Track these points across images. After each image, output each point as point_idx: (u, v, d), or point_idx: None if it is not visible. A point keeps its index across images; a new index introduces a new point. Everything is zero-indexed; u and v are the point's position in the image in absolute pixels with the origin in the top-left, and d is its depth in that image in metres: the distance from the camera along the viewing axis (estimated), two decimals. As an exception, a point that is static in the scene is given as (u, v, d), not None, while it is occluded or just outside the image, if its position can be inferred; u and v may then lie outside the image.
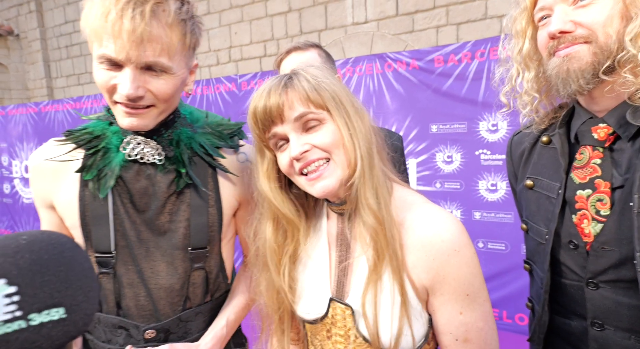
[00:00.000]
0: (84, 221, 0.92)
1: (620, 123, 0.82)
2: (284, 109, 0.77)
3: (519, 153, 1.05)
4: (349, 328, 0.81)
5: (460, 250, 0.74)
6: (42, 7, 8.20)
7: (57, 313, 0.35)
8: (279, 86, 0.78)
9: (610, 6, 0.78)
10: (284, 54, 1.48)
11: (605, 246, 0.81)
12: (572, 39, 0.80)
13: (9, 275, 0.34)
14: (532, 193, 0.97)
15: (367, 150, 0.79)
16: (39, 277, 0.35)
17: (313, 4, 4.98)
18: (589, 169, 0.85)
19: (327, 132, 0.78)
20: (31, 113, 6.01)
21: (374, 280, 0.77)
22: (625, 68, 0.78)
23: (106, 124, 0.97)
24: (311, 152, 0.78)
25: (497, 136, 3.03)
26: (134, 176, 0.93)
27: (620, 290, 0.80)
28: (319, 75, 0.81)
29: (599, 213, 0.83)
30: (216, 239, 1.00)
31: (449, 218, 0.77)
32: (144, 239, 0.94)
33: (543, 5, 0.86)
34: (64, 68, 8.12)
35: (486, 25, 4.03)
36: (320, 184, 0.78)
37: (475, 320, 0.77)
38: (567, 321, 0.91)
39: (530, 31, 0.92)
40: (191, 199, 0.96)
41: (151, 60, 0.79)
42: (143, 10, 0.75)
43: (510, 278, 3.00)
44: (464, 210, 3.21)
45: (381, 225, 0.76)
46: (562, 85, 0.83)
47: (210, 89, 4.38)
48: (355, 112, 0.80)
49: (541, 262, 0.93)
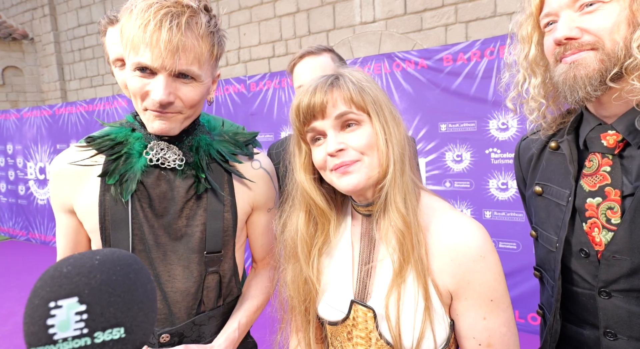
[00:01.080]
0: (103, 225, 0.94)
1: (630, 130, 0.81)
2: (327, 106, 0.81)
3: (527, 159, 1.04)
4: (370, 331, 0.82)
5: (486, 256, 0.76)
6: (55, 11, 8.33)
7: (118, 333, 0.37)
8: (325, 84, 0.82)
9: (617, 12, 0.77)
10: (297, 59, 1.49)
11: (617, 255, 0.80)
12: (578, 45, 0.80)
13: (81, 294, 0.36)
14: (542, 200, 0.96)
15: (400, 156, 0.82)
16: (106, 297, 0.37)
17: (321, 4, 4.98)
18: (599, 177, 0.84)
19: (364, 133, 0.81)
20: (45, 115, 6.12)
21: (398, 283, 0.79)
22: (632, 76, 0.77)
23: (129, 131, 1.00)
24: (346, 152, 0.81)
25: (508, 134, 3.00)
26: (154, 181, 0.96)
27: (633, 299, 0.79)
28: (363, 79, 0.84)
29: (609, 222, 0.82)
30: (230, 243, 1.03)
31: (474, 224, 0.79)
32: (162, 243, 0.96)
33: (549, 11, 0.85)
34: (77, 71, 8.24)
35: (495, 23, 3.98)
36: (348, 178, 0.81)
37: (499, 326, 0.78)
38: (579, 330, 0.90)
39: (536, 37, 0.91)
40: (208, 204, 0.99)
41: (184, 68, 0.85)
42: (179, 22, 0.82)
43: (523, 277, 2.98)
44: (474, 209, 3.19)
45: (409, 228, 0.78)
46: (570, 92, 0.82)
47: (220, 90, 4.41)
48: (393, 118, 0.84)
49: (552, 270, 0.92)
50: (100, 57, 7.72)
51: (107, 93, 7.68)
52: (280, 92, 4.01)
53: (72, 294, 0.36)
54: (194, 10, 0.85)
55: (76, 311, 0.35)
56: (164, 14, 0.81)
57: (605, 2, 0.77)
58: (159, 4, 0.83)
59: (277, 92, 4.05)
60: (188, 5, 0.85)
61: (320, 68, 1.43)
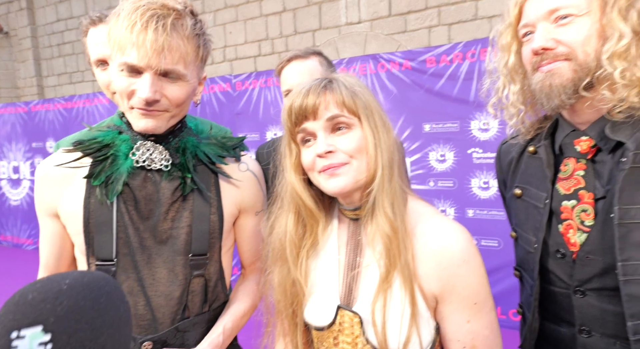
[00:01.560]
0: (87, 228, 0.94)
1: (601, 136, 0.85)
2: (319, 108, 0.82)
3: (507, 162, 1.08)
4: (356, 336, 0.83)
5: (470, 260, 0.78)
6: (33, 5, 8.06)
7: None
8: (318, 87, 0.83)
9: (589, 26, 0.81)
10: (285, 62, 1.48)
11: (590, 255, 0.84)
12: (553, 55, 0.84)
13: (46, 322, 0.33)
14: (521, 202, 1.00)
15: (389, 162, 0.83)
16: (73, 325, 0.34)
17: (307, 4, 4.98)
18: (573, 180, 0.88)
19: (354, 137, 0.83)
20: (21, 112, 5.87)
21: (384, 289, 0.79)
22: (602, 85, 0.81)
23: (116, 133, 1.00)
24: (335, 155, 0.82)
25: (489, 135, 3.08)
26: (140, 183, 0.96)
27: (605, 297, 0.83)
28: (356, 84, 0.86)
29: (583, 223, 0.86)
30: (216, 246, 1.02)
31: (458, 229, 0.81)
32: (147, 246, 0.96)
33: (526, 22, 0.89)
34: (55, 67, 8.00)
35: (477, 26, 4.06)
36: (335, 181, 0.82)
37: (482, 328, 0.80)
38: (557, 328, 0.93)
39: (515, 46, 0.95)
40: (194, 206, 0.99)
41: (169, 67, 0.87)
42: (165, 23, 0.85)
43: (504, 274, 3.05)
44: (458, 208, 3.25)
45: (396, 233, 0.79)
46: (546, 99, 0.86)
47: (205, 89, 4.36)
48: (383, 124, 0.85)
49: (530, 270, 0.95)
50: (80, 53, 7.51)
51: (87, 90, 7.49)
52: (266, 91, 4.00)
53: (36, 322, 0.33)
54: (179, 13, 0.88)
55: (40, 341, 0.33)
56: (150, 15, 0.84)
57: (578, 15, 0.81)
58: (146, 7, 0.84)
59: (263, 91, 4.03)
60: (174, 8, 0.87)
61: (308, 72, 1.43)
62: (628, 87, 0.78)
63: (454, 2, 4.12)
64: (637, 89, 0.78)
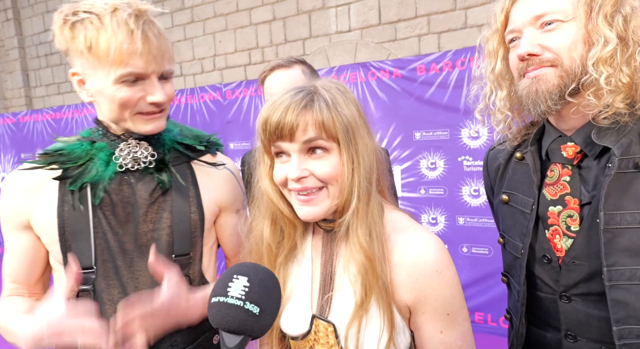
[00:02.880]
0: (63, 237, 0.92)
1: (587, 142, 0.85)
2: (297, 131, 0.76)
3: (494, 168, 1.08)
4: (331, 345, 0.82)
5: (442, 272, 0.77)
6: (20, 15, 8.02)
7: (256, 309, 0.57)
8: (299, 105, 0.76)
9: (574, 32, 0.81)
10: (268, 71, 1.49)
11: (576, 260, 0.84)
12: (539, 61, 0.84)
13: (250, 277, 0.59)
14: (508, 208, 1.00)
15: (366, 188, 0.79)
16: (261, 287, 0.59)
17: (297, 12, 5.01)
18: (560, 186, 0.88)
19: (330, 163, 0.78)
20: (9, 123, 5.84)
21: (359, 315, 0.78)
22: (588, 91, 0.81)
23: (88, 145, 0.98)
24: (308, 179, 0.78)
25: (479, 143, 3.10)
26: (116, 186, 0.95)
27: (591, 302, 0.83)
28: (338, 95, 0.80)
29: (569, 229, 0.86)
30: (198, 245, 1.02)
31: (432, 240, 0.79)
32: (128, 250, 0.95)
33: (513, 27, 0.89)
34: (43, 77, 7.94)
35: (466, 34, 4.11)
36: (307, 209, 0.79)
37: (455, 339, 0.79)
38: (543, 333, 0.93)
39: (502, 52, 0.96)
40: (173, 206, 0.98)
41: (167, 68, 0.92)
42: (157, 29, 0.89)
43: (495, 281, 3.05)
44: (448, 215, 3.25)
45: (371, 262, 0.77)
46: (532, 105, 0.86)
47: (195, 98, 4.35)
48: (365, 145, 0.79)
49: (517, 275, 0.95)
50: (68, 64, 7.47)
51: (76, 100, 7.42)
52: (257, 99, 3.99)
53: (246, 275, 0.60)
54: (152, 17, 0.91)
55: (244, 284, 0.58)
56: (143, 23, 0.86)
57: (564, 21, 0.82)
58: (132, 15, 0.84)
59: (253, 99, 4.03)
60: (145, 9, 0.89)
61: (291, 81, 1.43)
62: (613, 93, 0.78)
63: (443, 10, 4.18)
64: (623, 95, 0.79)
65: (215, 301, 0.58)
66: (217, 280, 0.61)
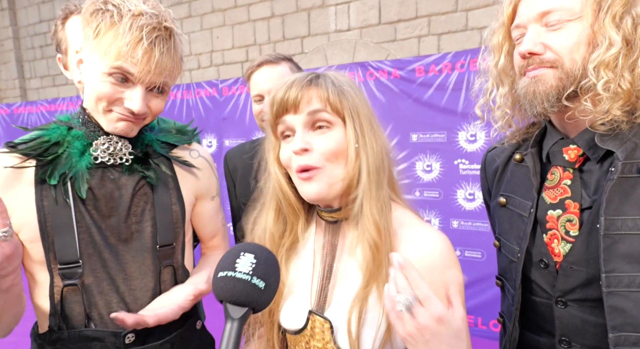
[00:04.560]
0: (44, 232, 0.90)
1: (590, 145, 0.83)
2: (301, 101, 0.79)
3: (492, 170, 1.06)
4: (327, 341, 0.82)
5: (452, 267, 0.78)
6: (15, 5, 7.93)
7: (262, 284, 0.61)
8: (303, 80, 0.80)
9: (579, 32, 0.78)
10: (255, 67, 1.49)
11: (574, 266, 0.82)
12: (539, 61, 0.81)
13: (257, 255, 0.63)
14: (505, 211, 0.97)
15: (376, 167, 0.80)
16: (267, 264, 0.63)
17: (296, 10, 4.98)
18: (560, 189, 0.86)
19: (333, 138, 0.79)
20: (3, 114, 5.83)
21: (362, 297, 0.78)
22: (585, 96, 0.78)
23: (65, 130, 0.97)
24: (310, 154, 0.79)
25: (476, 146, 3.08)
26: (98, 181, 0.96)
27: (587, 308, 0.81)
28: (346, 83, 0.82)
29: (568, 234, 0.84)
30: (180, 235, 1.05)
31: (441, 237, 0.80)
32: (113, 244, 0.95)
33: (519, 22, 0.86)
34: (38, 69, 7.86)
35: (467, 37, 4.10)
36: (309, 186, 0.80)
37: None
38: (536, 338, 0.92)
39: (507, 46, 0.92)
40: (155, 198, 1.01)
41: (162, 82, 0.93)
42: (169, 46, 0.90)
43: (486, 285, 3.04)
44: (442, 218, 3.24)
45: (381, 238, 0.77)
46: (529, 105, 0.84)
47: (191, 94, 4.32)
48: (371, 128, 0.81)
49: (512, 279, 0.94)
50: (66, 55, 7.38)
51: (71, 93, 7.36)
52: (253, 96, 3.97)
53: (252, 252, 0.63)
54: (174, 33, 0.92)
55: (251, 261, 0.62)
56: (156, 37, 0.87)
57: (570, 20, 0.78)
58: (150, 26, 0.86)
59: (249, 97, 4.00)
60: (170, 29, 0.91)
61: (278, 78, 1.44)
62: (611, 100, 0.76)
63: (444, 12, 4.16)
64: (622, 102, 0.76)
65: (222, 275, 0.61)
66: (222, 257, 0.64)
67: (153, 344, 0.97)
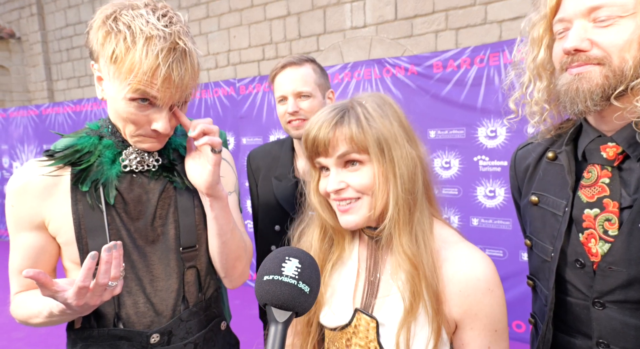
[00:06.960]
0: (79, 235, 0.94)
1: (630, 142, 0.80)
2: (329, 146, 0.82)
3: (523, 168, 1.04)
4: (370, 340, 0.84)
5: (494, 290, 0.79)
6: (43, 11, 8.20)
7: (307, 289, 0.62)
8: (331, 122, 0.82)
9: (632, 30, 0.74)
10: (279, 69, 1.49)
11: (613, 266, 0.79)
12: (586, 58, 0.78)
13: (301, 259, 0.64)
14: (537, 210, 0.95)
15: (405, 198, 0.81)
16: (311, 268, 0.64)
17: (312, 8, 4.98)
18: (597, 188, 0.84)
19: (365, 174, 0.82)
20: (32, 115, 6.06)
21: (408, 321, 0.80)
22: (638, 97, 0.75)
23: (96, 139, 1.00)
24: (346, 191, 0.83)
25: (496, 142, 3.02)
26: (127, 186, 0.99)
27: (628, 310, 0.79)
28: (374, 114, 0.82)
29: (606, 233, 0.81)
30: (204, 237, 1.06)
31: (483, 257, 0.81)
32: (140, 245, 0.99)
33: (563, 16, 0.82)
34: (64, 71, 8.10)
35: (485, 30, 4.03)
36: (346, 217, 0.85)
37: None
38: (571, 340, 0.90)
39: (547, 40, 0.89)
40: (178, 202, 1.03)
41: (184, 96, 0.93)
42: (187, 66, 0.88)
43: (508, 285, 2.99)
44: (462, 216, 3.20)
45: (417, 270, 0.79)
46: (570, 103, 0.81)
47: (209, 93, 4.36)
48: (403, 155, 0.81)
49: (546, 279, 0.91)
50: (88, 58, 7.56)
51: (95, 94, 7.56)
52: (270, 95, 3.98)
53: (297, 257, 0.64)
54: (190, 52, 0.89)
55: (296, 265, 0.63)
56: (173, 60, 0.85)
57: (622, 16, 0.74)
58: (164, 49, 0.83)
59: (266, 95, 4.02)
60: (187, 49, 0.88)
61: (302, 80, 1.44)
62: None
63: (462, 5, 4.09)
64: None
65: (269, 278, 0.61)
66: (266, 260, 0.65)
67: (177, 345, 0.99)
